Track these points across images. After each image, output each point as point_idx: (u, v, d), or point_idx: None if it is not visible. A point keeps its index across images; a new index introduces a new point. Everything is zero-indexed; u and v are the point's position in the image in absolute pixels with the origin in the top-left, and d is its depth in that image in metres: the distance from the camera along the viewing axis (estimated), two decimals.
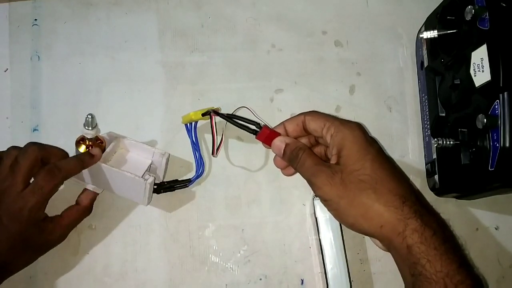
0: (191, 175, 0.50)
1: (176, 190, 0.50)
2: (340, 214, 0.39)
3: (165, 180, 0.50)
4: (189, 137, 0.49)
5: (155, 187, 0.48)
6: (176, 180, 0.50)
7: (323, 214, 0.48)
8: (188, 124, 0.49)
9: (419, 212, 0.37)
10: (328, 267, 0.47)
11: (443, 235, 0.37)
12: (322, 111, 0.52)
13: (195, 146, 0.49)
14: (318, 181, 0.39)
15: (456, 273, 0.36)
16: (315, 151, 0.45)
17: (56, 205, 0.47)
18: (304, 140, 0.45)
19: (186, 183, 0.49)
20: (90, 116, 0.44)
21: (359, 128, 0.41)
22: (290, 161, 0.43)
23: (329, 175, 0.39)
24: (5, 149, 0.45)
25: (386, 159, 0.41)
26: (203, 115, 0.47)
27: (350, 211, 0.38)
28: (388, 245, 0.38)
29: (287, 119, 0.45)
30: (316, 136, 0.45)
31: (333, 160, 0.40)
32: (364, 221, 0.38)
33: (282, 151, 0.43)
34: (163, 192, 0.49)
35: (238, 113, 0.49)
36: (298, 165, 0.41)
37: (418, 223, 0.36)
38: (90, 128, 0.45)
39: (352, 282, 0.48)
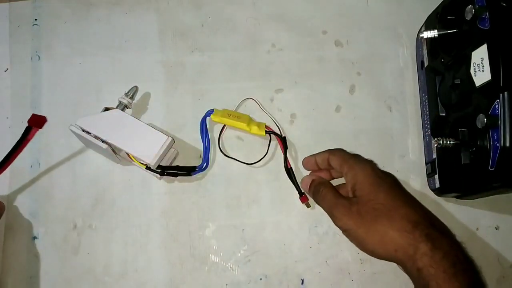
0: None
1: (178, 177, 0.50)
2: (361, 242, 0.41)
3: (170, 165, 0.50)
4: (201, 133, 0.51)
5: (159, 170, 0.48)
6: (181, 167, 0.50)
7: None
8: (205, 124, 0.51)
9: (431, 235, 0.38)
10: None
11: (454, 257, 0.38)
12: (322, 111, 0.54)
13: (206, 143, 0.51)
14: (338, 213, 0.42)
15: None
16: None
17: None
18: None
19: (190, 171, 0.50)
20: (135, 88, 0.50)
21: (370, 165, 0.44)
22: (313, 195, 0.46)
23: (347, 206, 0.42)
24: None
25: (400, 190, 0.43)
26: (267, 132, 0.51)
27: (368, 239, 0.40)
28: (403, 268, 0.40)
29: (318, 153, 0.48)
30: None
31: (350, 194, 0.44)
32: (380, 247, 0.40)
33: (308, 187, 0.47)
34: (166, 175, 0.49)
35: (243, 106, 0.53)
36: (320, 198, 0.45)
37: (428, 247, 0.38)
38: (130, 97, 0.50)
39: (352, 282, 0.48)
